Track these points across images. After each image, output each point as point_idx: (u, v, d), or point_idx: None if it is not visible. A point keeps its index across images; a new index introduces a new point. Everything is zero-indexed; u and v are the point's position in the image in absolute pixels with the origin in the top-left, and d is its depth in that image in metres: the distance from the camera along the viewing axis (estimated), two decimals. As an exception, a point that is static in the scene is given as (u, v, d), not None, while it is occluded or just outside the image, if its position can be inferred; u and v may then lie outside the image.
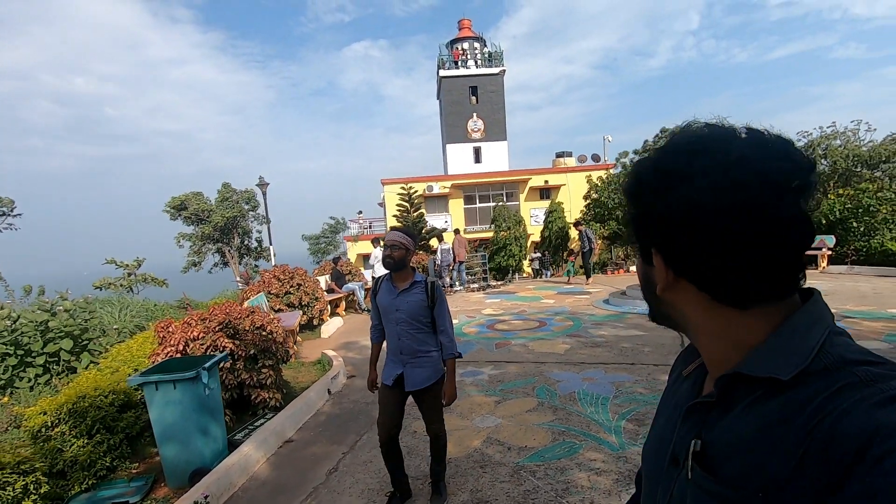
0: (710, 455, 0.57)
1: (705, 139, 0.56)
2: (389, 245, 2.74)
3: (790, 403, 0.51)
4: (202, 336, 4.52)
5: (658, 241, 0.59)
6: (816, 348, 0.53)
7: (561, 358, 5.85)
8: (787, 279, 0.55)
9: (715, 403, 0.59)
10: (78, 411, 3.56)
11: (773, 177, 0.52)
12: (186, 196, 19.36)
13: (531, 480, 3.10)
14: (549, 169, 26.04)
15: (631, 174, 0.63)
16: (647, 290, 0.66)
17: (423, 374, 2.76)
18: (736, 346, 0.57)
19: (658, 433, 0.72)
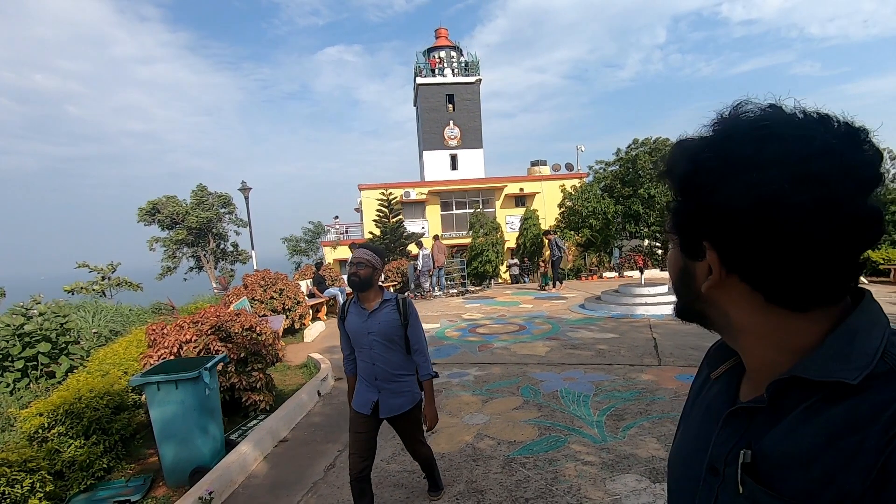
0: (763, 467, 0.52)
1: (778, 123, 0.51)
2: (355, 262, 2.56)
3: (859, 410, 0.47)
4: (195, 339, 4.58)
5: (716, 235, 0.53)
6: (880, 350, 0.49)
7: (542, 359, 6.10)
8: (851, 279, 0.52)
9: (761, 409, 0.55)
10: (74, 412, 3.59)
11: (859, 171, 0.48)
12: (159, 200, 18.92)
13: (522, 471, 3.31)
14: (524, 177, 26.59)
15: (684, 158, 0.56)
16: (684, 286, 0.61)
17: (399, 401, 2.59)
18: (788, 350, 0.54)
19: (689, 440, 0.68)
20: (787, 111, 0.52)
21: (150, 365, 4.42)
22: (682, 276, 0.61)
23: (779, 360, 0.54)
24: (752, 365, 0.59)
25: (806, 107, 0.52)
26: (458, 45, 31.36)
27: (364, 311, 2.59)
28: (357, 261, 2.56)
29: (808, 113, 0.51)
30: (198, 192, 19.96)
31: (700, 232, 0.55)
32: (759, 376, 0.58)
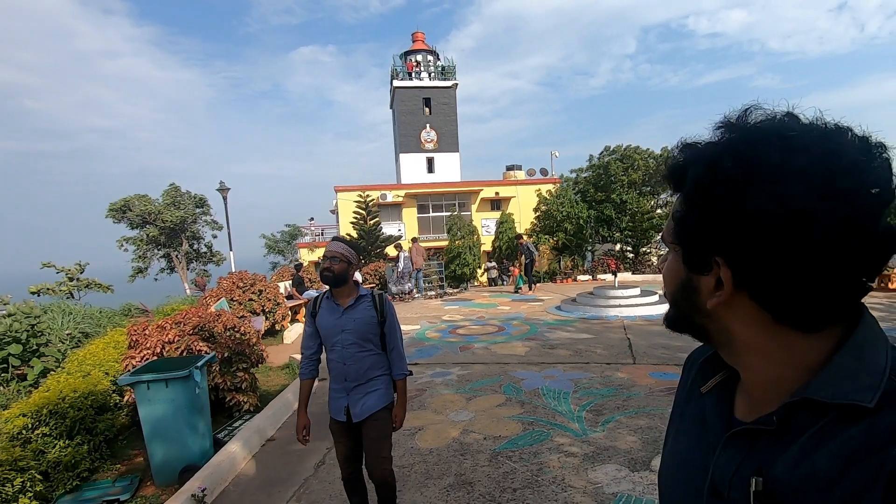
0: (778, 494, 0.50)
1: (804, 134, 0.49)
2: (329, 256, 2.39)
3: (876, 431, 0.46)
4: (177, 339, 4.55)
5: (734, 249, 0.49)
6: (888, 367, 0.48)
7: (522, 359, 6.27)
8: (861, 297, 0.50)
9: (767, 431, 0.53)
10: (58, 413, 3.55)
11: (882, 189, 0.47)
12: (130, 198, 18.34)
13: (508, 464, 3.44)
14: (499, 181, 26.90)
15: (697, 164, 0.52)
16: (683, 300, 0.58)
17: (370, 401, 2.41)
18: (795, 368, 0.52)
19: (682, 457, 0.65)
20: (806, 121, 0.50)
21: (132, 366, 4.39)
22: (684, 289, 0.57)
23: (784, 377, 0.53)
24: (752, 382, 0.57)
25: (822, 117, 0.50)
26: (434, 50, 31.57)
27: (338, 308, 2.42)
28: (331, 255, 2.40)
29: (828, 124, 0.49)
30: (170, 192, 19.46)
31: (713, 244, 0.51)
32: (759, 393, 0.56)
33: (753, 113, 0.52)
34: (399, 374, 2.51)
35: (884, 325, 7.05)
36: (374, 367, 2.44)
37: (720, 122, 0.53)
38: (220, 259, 22.24)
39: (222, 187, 12.77)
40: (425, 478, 3.34)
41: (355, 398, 2.40)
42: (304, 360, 2.53)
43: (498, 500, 3.00)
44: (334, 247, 2.44)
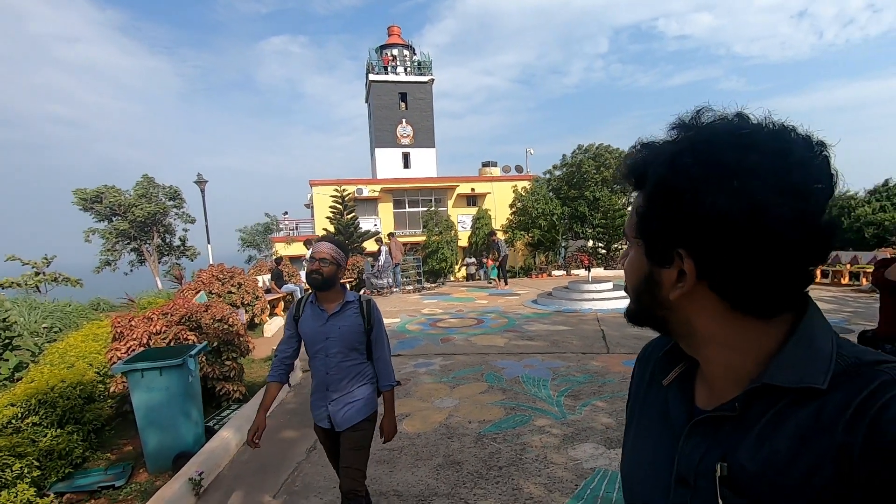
0: (742, 478, 0.52)
1: (756, 132, 0.52)
2: (318, 259, 2.24)
3: (826, 410, 0.49)
4: (165, 330, 4.58)
5: (696, 243, 0.52)
6: (834, 352, 0.52)
7: (502, 349, 6.50)
8: (807, 285, 0.54)
9: (729, 418, 0.55)
10: (48, 402, 3.57)
11: (827, 184, 0.51)
12: (100, 189, 17.74)
13: (493, 445, 3.65)
14: (475, 177, 27.11)
15: (659, 162, 0.54)
16: (646, 293, 0.59)
17: (351, 411, 2.29)
18: (752, 356, 0.55)
19: (646, 450, 0.66)
20: (756, 120, 0.53)
21: (117, 357, 4.41)
22: (646, 282, 0.59)
23: (742, 365, 0.55)
24: (712, 371, 0.59)
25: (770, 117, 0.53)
26: (410, 44, 31.49)
27: (322, 313, 2.29)
28: (319, 256, 2.24)
29: (775, 123, 0.53)
30: (142, 184, 18.90)
31: (675, 238, 0.53)
32: (719, 382, 0.58)
33: (705, 114, 0.55)
34: (386, 385, 2.39)
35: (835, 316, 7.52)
36: (359, 377, 2.33)
37: (675, 123, 0.56)
38: (194, 253, 21.75)
39: (200, 179, 12.56)
40: (415, 459, 3.51)
41: (337, 408, 2.28)
42: (276, 362, 2.39)
43: (485, 477, 3.20)
44: (323, 248, 2.27)
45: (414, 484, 3.17)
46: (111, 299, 12.06)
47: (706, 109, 0.55)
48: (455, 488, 3.08)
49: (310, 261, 2.28)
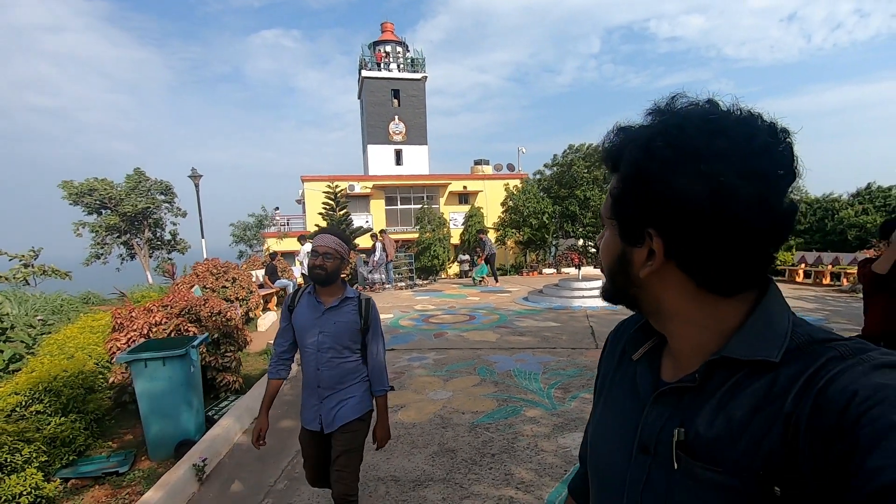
0: (698, 442, 0.55)
1: (724, 118, 0.54)
2: (322, 253, 2.16)
3: (778, 382, 0.52)
4: (165, 321, 4.67)
5: (665, 222, 0.55)
6: (789, 329, 0.55)
7: (494, 345, 6.65)
8: (768, 267, 0.57)
9: (689, 389, 0.58)
10: (53, 391, 3.64)
11: (788, 170, 0.53)
12: (90, 181, 17.56)
13: (486, 434, 3.79)
14: (468, 175, 27.20)
15: (633, 145, 0.57)
16: (620, 272, 0.63)
17: (344, 409, 2.21)
18: (715, 331, 0.58)
19: (613, 420, 0.69)
20: (725, 107, 0.55)
21: (116, 348, 4.49)
22: (620, 261, 0.62)
23: (705, 341, 0.58)
24: (678, 346, 0.62)
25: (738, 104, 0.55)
26: (403, 41, 31.47)
27: (319, 305, 2.20)
28: (324, 251, 2.16)
29: (743, 110, 0.55)
30: (133, 177, 18.75)
31: (646, 218, 0.56)
32: (684, 357, 0.61)
33: (679, 100, 0.57)
34: (380, 389, 2.29)
35: (816, 315, 7.74)
36: (351, 375, 2.23)
37: (651, 109, 0.59)
38: (185, 247, 21.64)
39: (194, 174, 12.53)
40: (411, 447, 3.64)
41: (328, 406, 2.19)
42: (274, 357, 2.31)
43: (479, 463, 3.34)
44: (327, 241, 2.18)
45: (410, 470, 3.30)
46: (101, 293, 12.04)
47: (680, 95, 0.58)
48: (450, 473, 3.22)
49: (312, 255, 2.19)
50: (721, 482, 0.52)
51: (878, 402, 0.44)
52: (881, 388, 0.45)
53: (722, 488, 0.52)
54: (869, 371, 0.47)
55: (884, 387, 0.45)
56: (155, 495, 2.90)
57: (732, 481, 0.52)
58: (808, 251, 14.30)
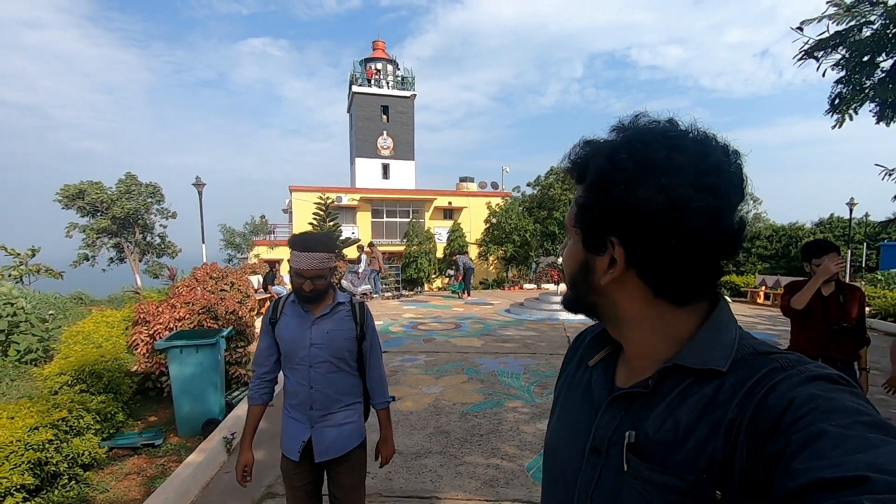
0: (647, 445, 0.58)
1: (682, 136, 0.58)
2: (308, 276, 1.84)
3: (723, 389, 0.55)
4: (188, 317, 5.16)
5: (626, 231, 0.57)
6: (736, 341, 0.58)
7: (479, 349, 7.27)
8: (719, 279, 0.61)
9: (641, 394, 0.61)
10: (95, 373, 4.11)
11: (738, 187, 0.57)
12: (83, 185, 17.69)
13: (475, 420, 4.38)
14: (453, 191, 27.96)
15: (599, 156, 0.60)
16: (582, 279, 0.65)
17: (340, 437, 1.92)
18: (669, 340, 0.61)
19: (569, 424, 0.72)
20: (684, 126, 0.59)
21: (140, 339, 4.97)
22: (582, 268, 0.64)
23: (659, 348, 0.61)
24: (633, 353, 0.65)
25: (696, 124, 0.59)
26: (394, 59, 32.34)
27: (307, 315, 1.92)
28: (311, 274, 1.84)
29: (699, 131, 0.59)
30: (125, 181, 18.95)
31: (609, 227, 0.59)
32: (638, 363, 0.64)
33: (642, 118, 0.61)
34: (382, 401, 2.05)
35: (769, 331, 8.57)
36: (349, 393, 1.96)
37: (615, 125, 0.62)
38: (175, 251, 21.79)
39: (198, 182, 12.93)
40: (411, 429, 4.20)
41: (322, 431, 1.88)
42: (255, 379, 1.99)
43: (470, 441, 3.93)
44: (313, 263, 1.83)
45: (412, 446, 3.86)
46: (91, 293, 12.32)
47: (643, 115, 0.61)
48: (446, 448, 3.80)
49: (296, 277, 1.86)
50: (666, 483, 0.55)
51: (811, 409, 0.46)
52: (815, 397, 0.48)
53: (667, 489, 0.55)
54: (805, 381, 0.50)
55: (817, 397, 0.48)
56: (196, 459, 3.41)
57: (677, 482, 0.54)
58: (772, 275, 15.32)
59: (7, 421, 2.83)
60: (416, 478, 3.34)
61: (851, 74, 4.66)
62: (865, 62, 4.44)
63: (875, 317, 10.26)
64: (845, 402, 0.47)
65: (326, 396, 1.91)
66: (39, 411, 3.08)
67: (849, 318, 2.89)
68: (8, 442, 2.58)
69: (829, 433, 0.44)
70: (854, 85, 4.71)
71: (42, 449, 2.77)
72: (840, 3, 4.27)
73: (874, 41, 4.24)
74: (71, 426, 3.21)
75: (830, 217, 25.26)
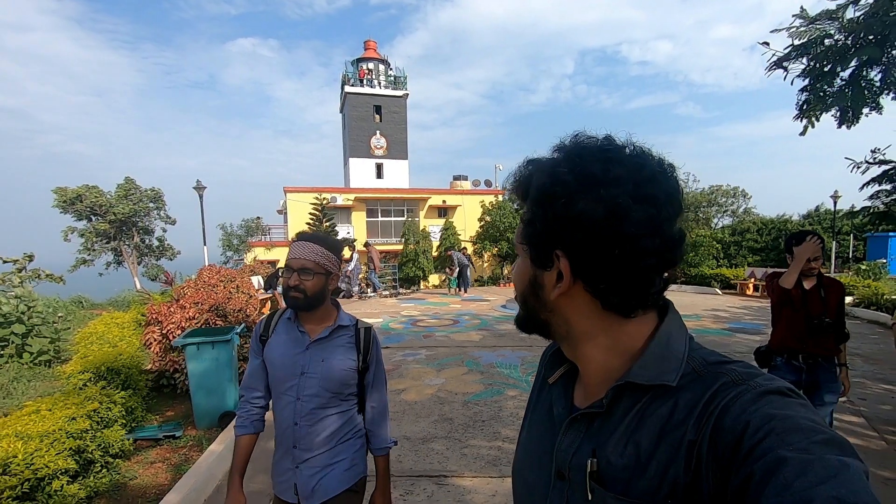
0: (609, 473, 0.57)
1: (618, 150, 0.60)
2: (297, 269, 1.55)
3: (678, 408, 0.55)
4: (197, 316, 5.38)
5: (570, 243, 0.58)
6: (686, 353, 0.59)
7: (477, 343, 7.53)
8: (663, 289, 0.61)
9: (599, 414, 0.61)
10: (114, 370, 4.32)
11: (674, 197, 0.59)
12: (81, 189, 17.76)
13: (476, 407, 4.64)
14: (447, 190, 28.22)
15: (540, 173, 0.61)
16: (532, 295, 0.65)
17: (329, 480, 1.61)
18: (619, 354, 0.61)
19: (533, 445, 0.72)
20: (620, 142, 0.61)
21: (153, 338, 5.18)
22: (531, 285, 0.65)
23: (612, 364, 0.62)
24: (587, 370, 0.65)
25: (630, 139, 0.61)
26: (386, 59, 32.48)
27: (302, 337, 1.63)
28: (300, 265, 1.55)
29: (636, 145, 0.61)
30: (124, 186, 19.05)
31: (553, 241, 0.60)
32: (593, 381, 0.64)
33: (581, 136, 0.63)
34: (381, 447, 1.72)
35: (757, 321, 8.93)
36: (342, 431, 1.64)
37: (557, 145, 0.64)
38: (173, 253, 21.91)
39: (199, 186, 13.09)
40: (416, 417, 4.45)
41: (308, 474, 1.59)
42: (244, 404, 1.69)
43: (472, 427, 4.18)
44: (305, 252, 1.56)
45: (418, 432, 4.11)
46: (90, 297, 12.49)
47: (582, 133, 0.63)
48: (450, 433, 4.05)
49: (286, 272, 1.58)
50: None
51: (767, 433, 0.47)
52: (770, 418, 0.48)
53: None
54: (756, 399, 0.51)
55: (772, 417, 0.48)
56: (217, 448, 3.64)
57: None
58: (761, 268, 15.71)
59: (47, 412, 3.05)
60: (424, 459, 3.59)
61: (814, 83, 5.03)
62: (826, 72, 4.82)
63: (858, 305, 10.64)
64: (799, 421, 0.48)
65: (311, 436, 1.58)
66: (75, 403, 3.30)
67: (830, 312, 2.84)
68: (51, 430, 2.80)
69: (790, 460, 0.44)
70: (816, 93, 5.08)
71: (80, 437, 2.99)
72: (805, 16, 4.64)
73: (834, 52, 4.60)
74: (102, 417, 3.43)
75: (818, 209, 25.75)
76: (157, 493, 3.20)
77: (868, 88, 4.99)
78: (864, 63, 4.74)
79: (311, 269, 1.54)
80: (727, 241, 21.28)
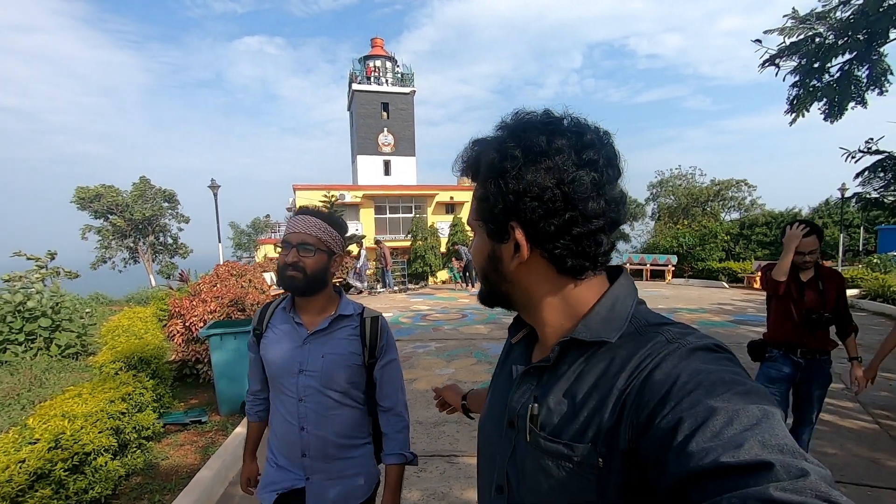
0: (547, 417, 0.63)
1: (558, 122, 0.64)
2: (296, 243, 1.38)
3: (615, 362, 0.59)
4: (218, 309, 5.63)
5: (523, 213, 0.62)
6: (630, 314, 0.64)
7: (486, 336, 7.74)
8: (609, 251, 0.66)
9: (547, 368, 0.66)
10: (144, 360, 4.58)
11: (613, 161, 0.64)
12: (98, 188, 18.24)
13: (485, 395, 4.84)
14: (454, 186, 28.32)
15: (488, 149, 0.65)
16: (493, 270, 0.69)
17: (343, 491, 1.45)
18: (570, 315, 0.66)
19: (494, 402, 0.77)
20: (558, 114, 0.65)
21: (176, 331, 5.44)
22: (490, 259, 0.69)
23: (565, 325, 0.67)
24: (544, 332, 0.70)
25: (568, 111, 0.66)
26: (393, 56, 32.62)
27: (300, 329, 1.46)
28: (299, 240, 1.39)
29: (573, 116, 0.65)
30: (139, 185, 19.52)
31: (507, 213, 0.63)
32: (549, 342, 0.69)
33: (521, 113, 0.66)
34: (395, 455, 1.50)
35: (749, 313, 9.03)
36: (353, 433, 1.49)
37: (500, 123, 0.67)
38: (186, 251, 22.37)
39: (213, 185, 13.40)
40: (427, 404, 4.66)
41: (318, 484, 1.44)
42: (249, 395, 1.65)
43: (481, 412, 4.38)
44: (304, 226, 1.40)
45: (429, 417, 4.33)
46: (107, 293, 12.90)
47: (521, 110, 0.67)
48: (460, 418, 4.19)
49: (283, 247, 1.43)
50: (559, 452, 0.60)
51: (696, 385, 0.50)
52: (699, 372, 0.52)
53: (560, 457, 0.60)
54: (687, 355, 0.55)
55: (700, 371, 0.52)
56: (242, 430, 3.90)
57: (569, 452, 0.59)
58: (768, 261, 15.76)
59: (88, 396, 3.30)
60: (436, 441, 3.80)
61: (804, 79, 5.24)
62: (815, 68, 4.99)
63: (864, 297, 10.70)
64: (723, 375, 0.51)
65: (322, 440, 1.43)
66: (111, 388, 3.55)
67: (829, 303, 2.72)
68: (93, 411, 3.04)
69: (720, 410, 0.47)
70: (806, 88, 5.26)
71: (118, 418, 3.23)
72: (795, 16, 4.81)
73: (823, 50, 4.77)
74: (136, 401, 3.68)
75: (827, 201, 25.58)
76: (188, 471, 3.44)
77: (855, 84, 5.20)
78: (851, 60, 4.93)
79: (312, 245, 1.38)
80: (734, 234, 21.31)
